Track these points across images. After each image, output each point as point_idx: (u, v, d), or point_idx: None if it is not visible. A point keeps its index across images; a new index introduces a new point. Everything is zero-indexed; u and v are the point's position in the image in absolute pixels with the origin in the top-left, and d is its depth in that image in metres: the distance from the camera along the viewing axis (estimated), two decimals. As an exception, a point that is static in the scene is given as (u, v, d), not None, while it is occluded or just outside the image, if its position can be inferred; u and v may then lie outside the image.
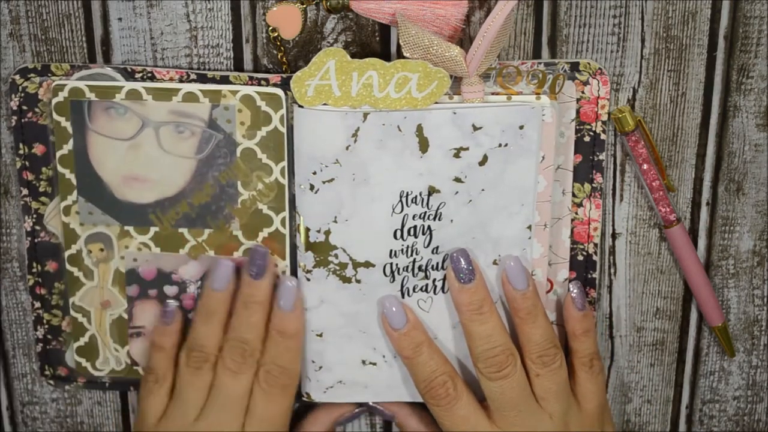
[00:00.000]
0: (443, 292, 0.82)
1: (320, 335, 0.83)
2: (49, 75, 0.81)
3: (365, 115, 0.76)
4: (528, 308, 0.79)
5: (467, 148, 0.77)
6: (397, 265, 0.81)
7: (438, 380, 0.80)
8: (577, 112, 0.80)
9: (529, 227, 0.80)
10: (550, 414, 0.80)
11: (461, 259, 0.79)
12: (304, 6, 0.79)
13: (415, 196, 0.78)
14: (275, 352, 0.81)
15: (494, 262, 0.81)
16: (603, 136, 0.81)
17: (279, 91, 0.79)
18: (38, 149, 0.82)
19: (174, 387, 0.83)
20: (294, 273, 0.83)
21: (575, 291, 0.81)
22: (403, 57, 0.76)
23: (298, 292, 0.81)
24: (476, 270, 0.79)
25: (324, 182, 0.78)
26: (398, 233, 0.79)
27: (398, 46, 0.78)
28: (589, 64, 0.79)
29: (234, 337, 0.81)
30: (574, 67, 0.79)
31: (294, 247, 0.83)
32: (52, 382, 0.89)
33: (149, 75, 0.80)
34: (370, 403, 0.87)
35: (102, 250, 0.83)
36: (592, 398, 0.81)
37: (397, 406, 0.86)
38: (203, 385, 0.82)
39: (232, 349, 0.81)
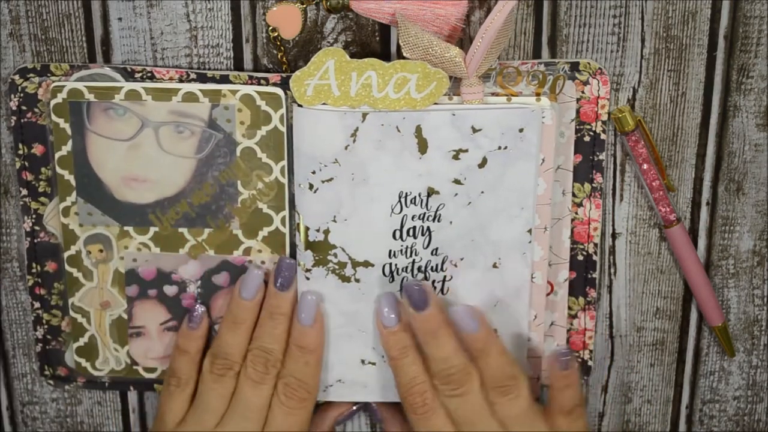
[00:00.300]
0: (442, 293, 0.81)
1: (320, 334, 0.84)
2: (49, 75, 0.81)
3: (364, 115, 0.76)
4: (479, 348, 0.79)
5: (466, 150, 0.77)
6: (396, 265, 0.80)
7: (417, 388, 0.80)
8: (577, 112, 0.80)
9: (530, 231, 0.80)
10: None
11: (414, 288, 0.79)
12: (304, 6, 0.79)
13: (414, 197, 0.78)
14: (294, 367, 0.81)
15: (494, 266, 0.81)
16: (603, 136, 0.81)
17: (279, 91, 0.79)
18: (38, 149, 0.82)
19: (195, 392, 0.83)
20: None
21: (563, 353, 0.81)
22: (403, 57, 0.76)
23: (319, 307, 0.82)
24: (431, 297, 0.79)
25: (323, 182, 0.78)
26: (397, 233, 0.79)
27: (398, 47, 0.78)
28: (589, 64, 0.79)
29: (258, 347, 0.81)
30: (574, 67, 0.79)
31: (293, 246, 0.83)
32: (52, 382, 0.89)
33: (149, 75, 0.80)
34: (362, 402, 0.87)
35: (101, 251, 0.83)
36: None
37: (385, 407, 0.87)
38: (225, 393, 0.82)
39: (255, 358, 0.81)
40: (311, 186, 0.78)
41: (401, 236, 0.79)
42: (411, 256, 0.80)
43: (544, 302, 0.82)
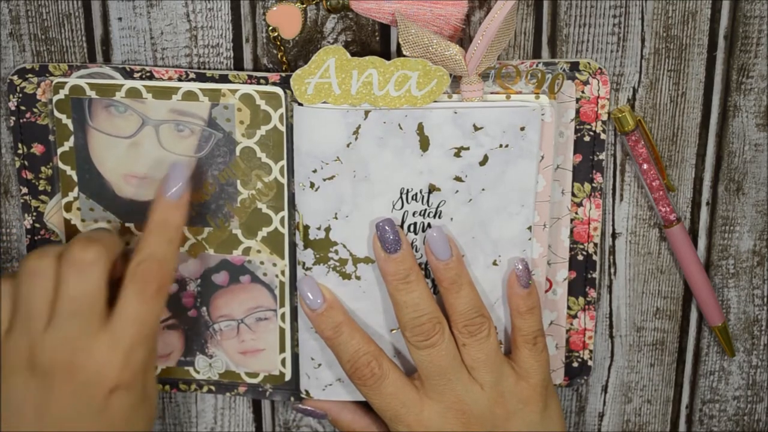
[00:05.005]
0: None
1: (320, 333, 0.83)
2: (47, 75, 0.81)
3: (366, 112, 0.76)
4: (451, 278, 0.79)
5: (468, 148, 0.77)
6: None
7: (362, 360, 0.80)
8: (577, 111, 0.80)
9: (529, 228, 0.80)
10: (481, 384, 0.79)
11: (387, 229, 0.78)
12: (304, 6, 0.79)
13: (416, 194, 0.78)
14: (156, 246, 0.78)
15: (494, 263, 0.81)
16: (603, 136, 0.81)
17: (278, 90, 0.79)
18: (37, 149, 0.82)
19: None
20: (293, 272, 0.83)
21: (520, 268, 0.80)
22: (403, 56, 0.76)
23: (188, 184, 0.80)
24: (402, 240, 0.79)
25: (324, 180, 0.78)
26: (398, 230, 0.80)
27: (398, 46, 0.79)
28: (589, 63, 0.79)
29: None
30: (574, 66, 0.79)
31: (293, 246, 0.82)
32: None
33: (148, 75, 0.80)
34: (299, 406, 0.87)
35: (103, 246, 0.84)
36: (534, 374, 0.80)
37: (329, 403, 0.86)
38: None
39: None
40: (312, 184, 0.78)
41: (402, 233, 0.80)
42: (412, 252, 0.80)
43: (542, 298, 0.82)
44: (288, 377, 0.87)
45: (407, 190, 0.78)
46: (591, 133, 0.81)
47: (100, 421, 0.76)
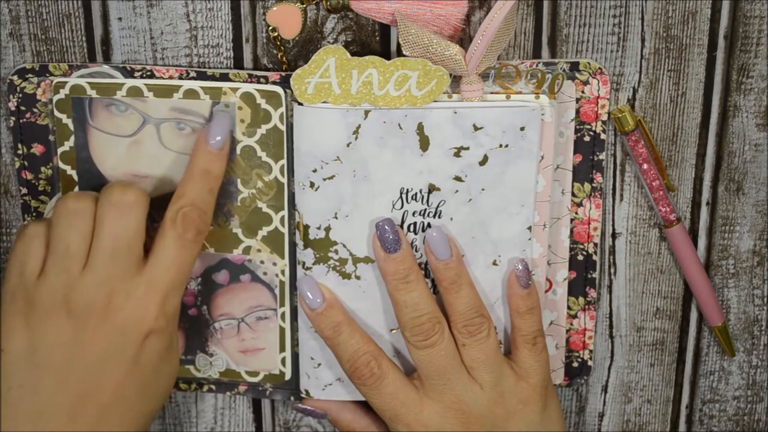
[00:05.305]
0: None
1: (320, 333, 0.83)
2: (47, 75, 0.81)
3: (366, 112, 0.76)
4: (451, 278, 0.79)
5: (468, 148, 0.77)
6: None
7: (361, 360, 0.80)
8: (577, 111, 0.80)
9: (530, 228, 0.80)
10: (481, 384, 0.79)
11: (387, 229, 0.78)
12: (304, 6, 0.79)
13: (415, 193, 0.78)
14: (197, 194, 0.78)
15: (494, 263, 0.81)
16: (603, 136, 0.81)
17: (279, 89, 0.79)
18: (37, 149, 0.82)
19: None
20: (293, 271, 0.83)
21: (520, 268, 0.80)
22: (403, 56, 0.76)
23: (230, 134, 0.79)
24: (402, 240, 0.79)
25: (324, 179, 0.78)
26: (398, 229, 0.80)
27: (398, 46, 0.79)
28: (589, 63, 0.79)
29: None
30: (574, 66, 0.79)
31: (293, 245, 0.83)
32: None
33: (148, 74, 0.80)
34: (299, 405, 0.87)
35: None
36: (534, 374, 0.80)
37: (329, 402, 0.86)
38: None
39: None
40: (312, 184, 0.78)
41: (402, 232, 0.80)
42: (412, 252, 0.80)
43: (542, 298, 0.82)
44: (288, 377, 0.87)
45: (407, 189, 0.78)
46: (591, 133, 0.81)
47: (132, 367, 0.76)
